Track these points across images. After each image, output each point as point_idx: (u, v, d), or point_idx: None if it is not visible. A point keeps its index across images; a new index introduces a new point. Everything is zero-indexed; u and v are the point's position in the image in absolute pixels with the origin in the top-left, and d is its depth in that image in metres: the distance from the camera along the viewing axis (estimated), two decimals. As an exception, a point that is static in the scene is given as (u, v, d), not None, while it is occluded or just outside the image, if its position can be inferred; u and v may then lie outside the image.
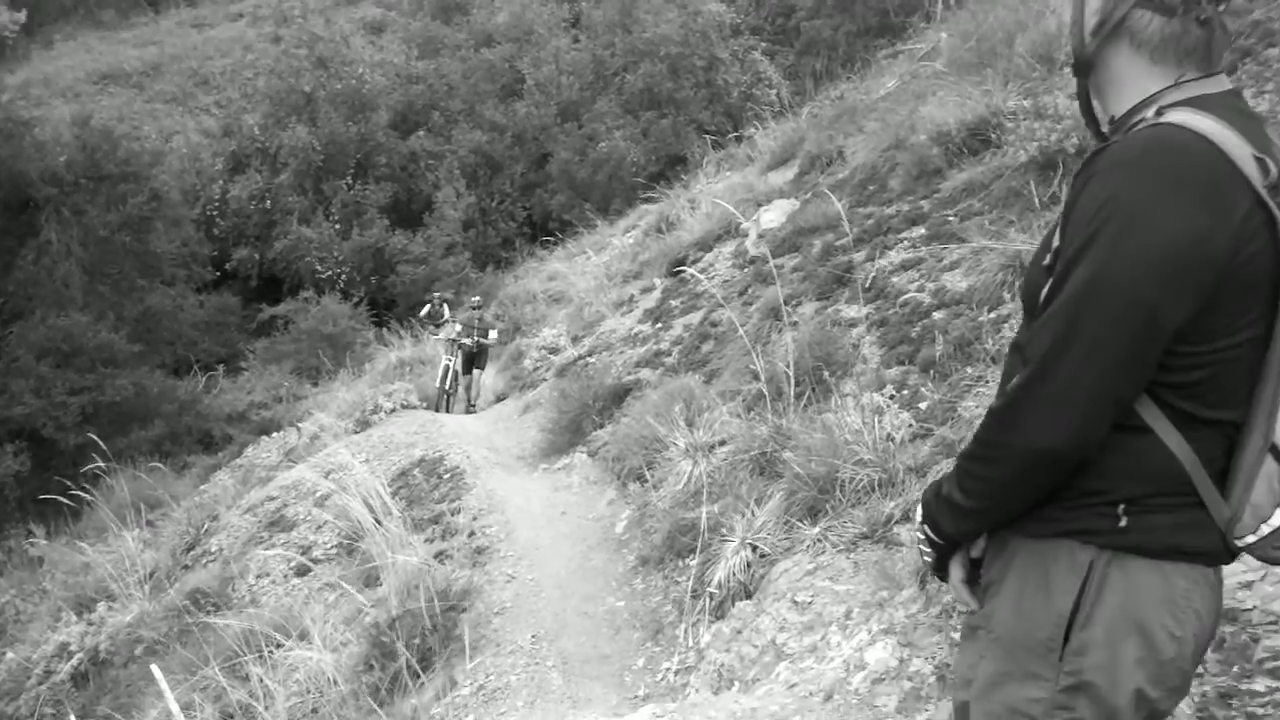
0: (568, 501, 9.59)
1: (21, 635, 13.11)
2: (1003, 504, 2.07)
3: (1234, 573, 3.03)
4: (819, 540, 5.83)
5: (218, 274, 29.81)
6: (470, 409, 16.71)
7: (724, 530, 6.62)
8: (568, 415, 11.26)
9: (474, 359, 17.20)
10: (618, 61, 29.54)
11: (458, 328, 17.21)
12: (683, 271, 12.52)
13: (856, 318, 8.04)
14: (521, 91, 31.29)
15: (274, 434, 18.25)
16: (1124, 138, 1.99)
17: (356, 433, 14.62)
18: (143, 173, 26.51)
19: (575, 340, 14.77)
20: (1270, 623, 2.92)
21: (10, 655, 12.01)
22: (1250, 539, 2.01)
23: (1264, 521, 1.99)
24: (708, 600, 6.34)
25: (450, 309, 20.12)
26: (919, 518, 2.30)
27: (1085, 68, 2.14)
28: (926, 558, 2.30)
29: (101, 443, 13.73)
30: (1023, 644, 2.05)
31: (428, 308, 19.54)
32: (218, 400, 24.86)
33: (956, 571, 2.25)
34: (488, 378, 17.60)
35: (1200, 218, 1.85)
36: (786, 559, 5.98)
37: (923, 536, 2.28)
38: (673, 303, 12.72)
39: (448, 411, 16.34)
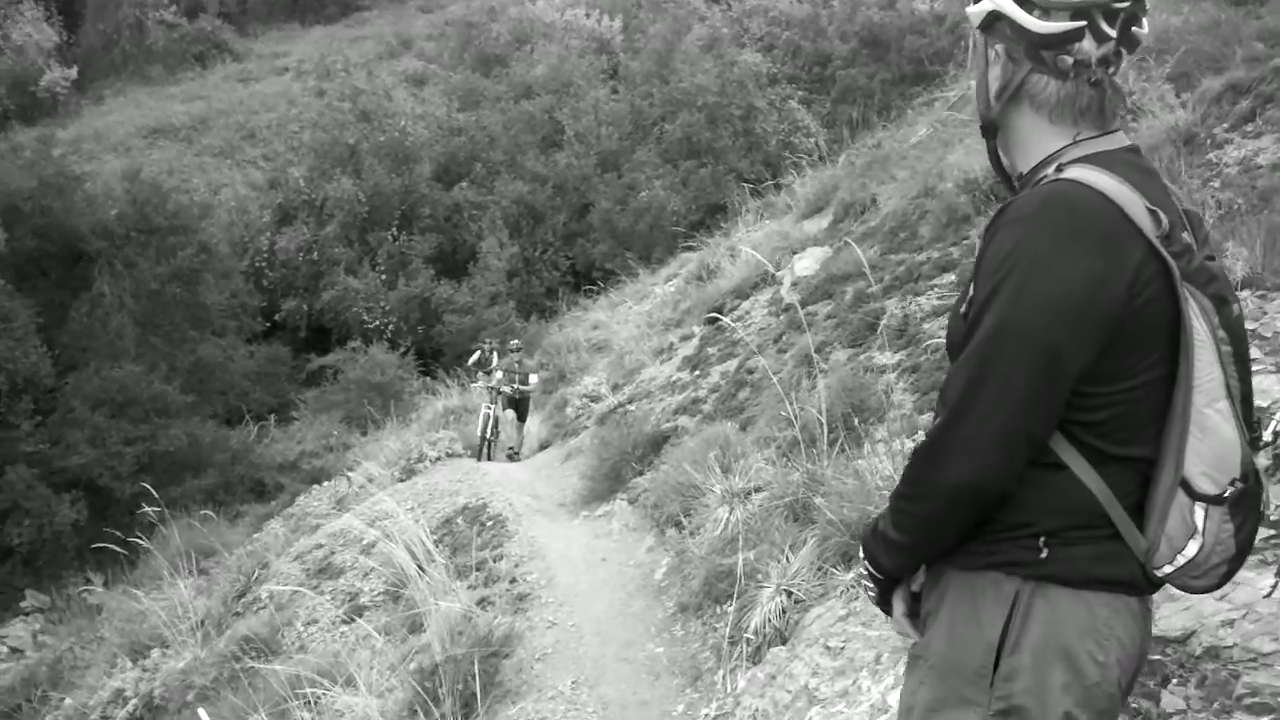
0: (608, 548, 9.73)
1: (79, 681, 13.40)
2: (932, 538, 2.21)
3: (1217, 611, 3.16)
4: (852, 586, 5.94)
5: (267, 325, 30.17)
6: (514, 456, 16.39)
7: (760, 576, 6.72)
8: (608, 463, 11.41)
9: (517, 405, 16.88)
10: (656, 111, 29.78)
11: (498, 374, 16.99)
12: (719, 320, 12.70)
13: (887, 364, 8.17)
14: (562, 142, 31.59)
15: (324, 483, 18.45)
16: (1025, 193, 2.17)
17: (402, 481, 14.83)
18: (192, 225, 27.05)
19: (616, 388, 14.95)
20: (1250, 660, 3.00)
21: (69, 701, 12.28)
22: (1168, 569, 2.13)
23: (1179, 552, 2.11)
24: (744, 646, 6.45)
25: (499, 355, 19.49)
26: (861, 555, 2.43)
27: (992, 129, 2.32)
28: (869, 593, 2.45)
29: (156, 492, 13.98)
30: (957, 671, 2.17)
31: (476, 354, 18.99)
32: (269, 449, 25.16)
33: (898, 605, 2.40)
34: (532, 425, 17.31)
35: (1096, 265, 2.00)
36: (820, 604, 6.08)
37: (865, 572, 2.41)
38: (710, 350, 12.89)
39: (490, 459, 16.07)
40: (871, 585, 2.42)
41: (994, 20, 2.24)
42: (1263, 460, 2.23)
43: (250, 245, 31.28)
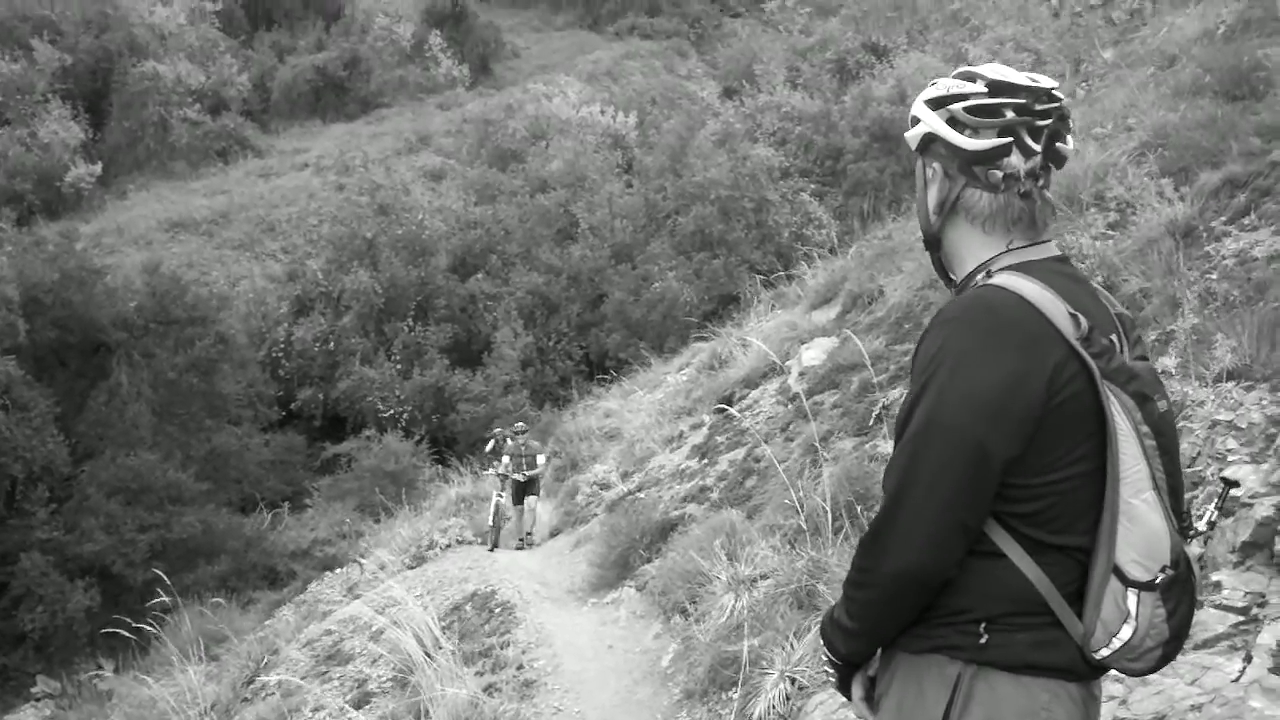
0: (615, 635, 9.75)
1: (87, 769, 13.37)
2: (879, 623, 2.32)
3: (1187, 696, 3.22)
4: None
5: (283, 414, 30.38)
6: (527, 541, 15.66)
7: (764, 663, 6.77)
8: (616, 550, 11.45)
9: (526, 489, 16.13)
10: (669, 204, 30.14)
11: (505, 459, 16.30)
12: (727, 409, 12.80)
13: (890, 453, 8.24)
14: (576, 235, 31.98)
15: (336, 570, 18.46)
16: (955, 299, 2.33)
17: (412, 568, 14.87)
18: (210, 317, 27.45)
19: (626, 476, 15.00)
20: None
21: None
22: (1105, 652, 2.21)
23: (1114, 636, 2.20)
24: (749, 733, 6.47)
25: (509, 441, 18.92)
26: (820, 643, 2.56)
27: (934, 243, 2.50)
28: (831, 678, 2.56)
29: (169, 578, 14.04)
30: None
31: (491, 444, 18.21)
32: (282, 537, 25.19)
33: (857, 690, 2.49)
34: (542, 511, 16.74)
35: (1016, 364, 2.15)
36: (823, 691, 6.11)
37: (825, 658, 2.52)
38: (719, 439, 12.98)
39: (496, 547, 15.47)
40: (832, 670, 2.53)
41: (929, 142, 2.42)
42: (1196, 549, 2.32)
43: (268, 336, 31.62)
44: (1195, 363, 6.03)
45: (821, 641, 2.52)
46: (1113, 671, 2.31)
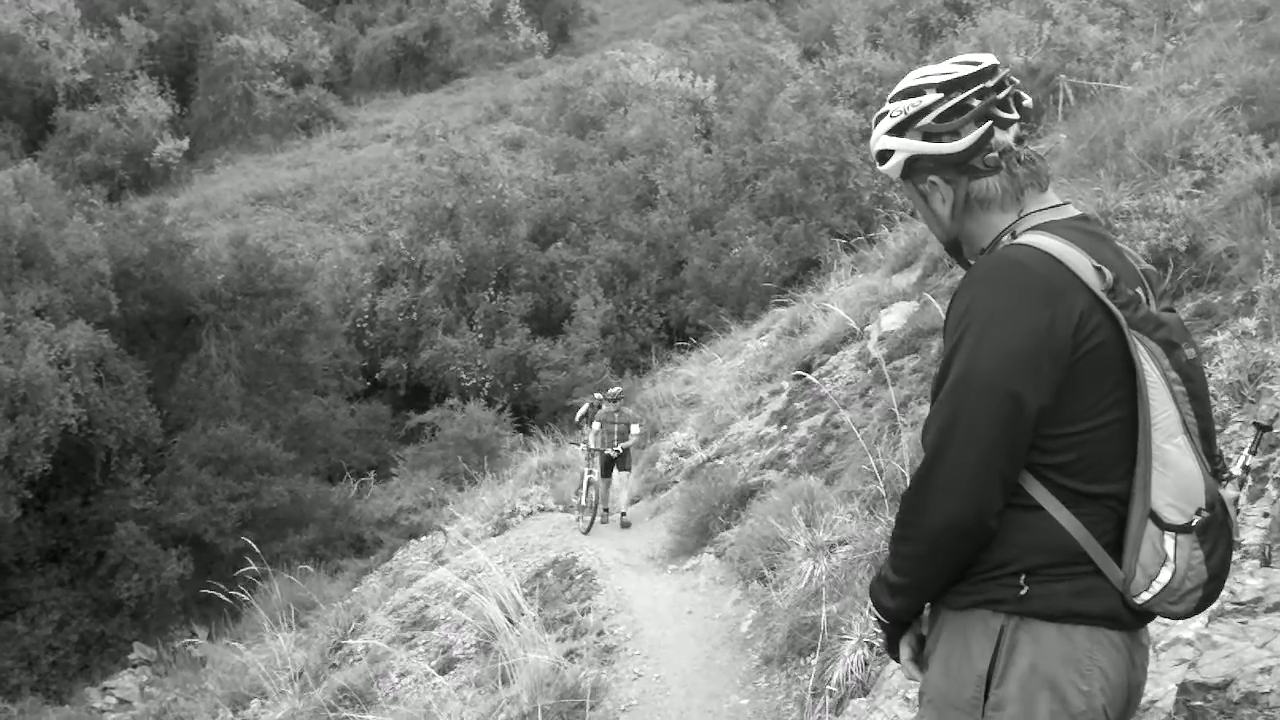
0: (694, 601, 9.79)
1: (182, 731, 13.76)
2: (925, 577, 2.37)
3: (1257, 659, 3.17)
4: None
5: (368, 383, 30.71)
6: (621, 522, 14.37)
7: (842, 629, 6.76)
8: (695, 517, 11.49)
9: (618, 463, 14.77)
10: (749, 169, 29.89)
11: (595, 426, 14.97)
12: (805, 376, 12.74)
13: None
14: (655, 201, 31.86)
15: (421, 538, 18.73)
16: (981, 258, 2.41)
17: (495, 535, 15.04)
18: (295, 288, 27.87)
19: (705, 443, 15.02)
20: (1290, 705, 3.02)
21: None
22: (1145, 596, 2.26)
23: (1153, 580, 2.25)
24: (827, 698, 6.47)
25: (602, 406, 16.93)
26: (869, 601, 2.60)
27: (956, 246, 2.56)
28: (879, 640, 2.58)
29: (258, 547, 14.35)
30: (951, 703, 2.33)
31: (585, 407, 16.73)
32: (368, 505, 25.57)
33: (905, 650, 2.54)
34: (634, 482, 15.47)
35: (1043, 314, 2.20)
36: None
37: (874, 619, 2.59)
38: (798, 405, 12.93)
39: (589, 526, 14.14)
40: (881, 631, 2.59)
41: (914, 164, 2.48)
42: (1232, 492, 2.32)
43: (352, 306, 32.00)
44: (1278, 323, 5.88)
45: (870, 602, 2.57)
46: (1184, 636, 2.32)
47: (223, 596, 13.32)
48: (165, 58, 47.33)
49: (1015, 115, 2.41)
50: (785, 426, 12.66)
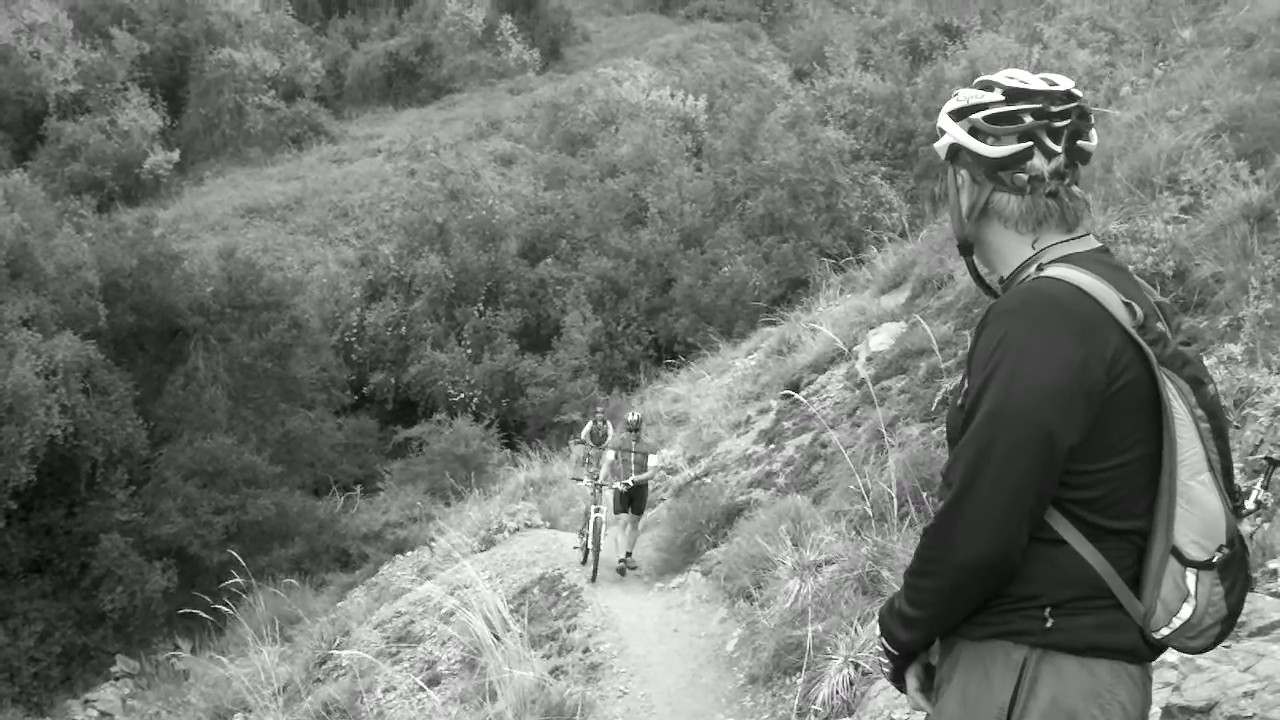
0: (680, 619, 9.80)
1: (164, 745, 13.67)
2: (945, 611, 2.35)
3: (1240, 683, 3.20)
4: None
5: (355, 398, 30.65)
6: (628, 564, 12.57)
7: (828, 649, 6.77)
8: (682, 535, 11.50)
9: (631, 500, 12.73)
10: (739, 188, 29.95)
11: (609, 456, 13.17)
12: (793, 395, 12.77)
13: (958, 439, 8.16)
14: (645, 219, 31.94)
15: (407, 552, 18.68)
16: (1010, 290, 2.39)
17: (481, 551, 15.01)
18: (284, 301, 27.78)
19: (693, 461, 15.03)
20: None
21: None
22: (1165, 631, 2.27)
23: (1174, 615, 2.25)
24: (813, 718, 6.48)
25: (613, 430, 15.14)
26: (877, 632, 2.58)
27: (968, 247, 2.57)
28: (885, 669, 2.58)
29: (243, 560, 14.29)
30: None
31: (590, 425, 15.25)
32: (355, 520, 25.44)
33: (911, 681, 2.53)
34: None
35: (1077, 351, 2.19)
36: (886, 677, 6.11)
37: (881, 649, 2.55)
38: (785, 424, 12.96)
39: (595, 573, 12.17)
40: (887, 661, 2.57)
41: (956, 151, 2.50)
42: (1246, 527, 2.35)
43: (340, 320, 31.96)
44: (1264, 349, 5.92)
45: (879, 631, 2.56)
46: (1168, 660, 2.33)
47: (207, 611, 13.26)
48: (157, 70, 47.23)
49: (1059, 149, 2.38)
50: (773, 445, 12.68)
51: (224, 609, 14.36)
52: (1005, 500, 2.20)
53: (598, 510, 12.48)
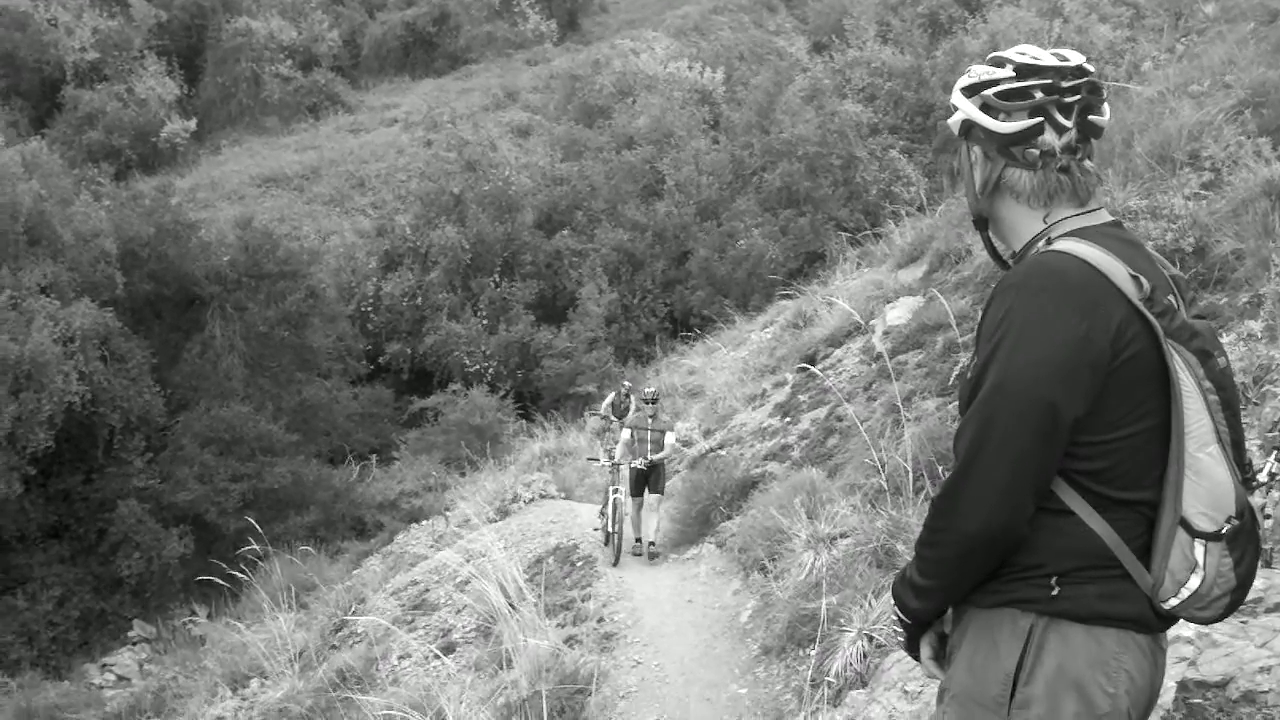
0: (694, 590, 9.84)
1: (182, 709, 13.82)
2: (954, 581, 2.39)
3: (1256, 658, 3.21)
4: (930, 631, 5.97)
5: (371, 367, 30.68)
6: (649, 551, 11.98)
7: (842, 620, 6.80)
8: (697, 507, 11.53)
9: (648, 478, 12.34)
10: (756, 161, 29.84)
11: (625, 434, 12.75)
12: (809, 368, 12.76)
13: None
14: (662, 191, 31.82)
15: (422, 522, 18.76)
16: (1016, 265, 2.43)
17: (496, 521, 15.08)
18: (301, 271, 27.77)
19: (708, 434, 15.04)
20: (1286, 703, 3.06)
21: (172, 728, 12.65)
22: (1174, 602, 2.29)
23: (1183, 586, 2.27)
24: (826, 689, 6.50)
25: (633, 403, 14.91)
26: (891, 602, 2.63)
27: (982, 222, 2.61)
28: (899, 638, 2.61)
29: (260, 528, 14.38)
30: (976, 700, 2.36)
31: (612, 396, 15.18)
32: (370, 488, 25.54)
33: (925, 649, 2.58)
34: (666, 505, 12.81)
35: (1081, 324, 2.21)
36: (899, 649, 6.14)
37: (895, 618, 2.61)
38: (801, 398, 12.96)
39: (618, 557, 11.75)
40: (901, 630, 2.62)
41: (969, 127, 2.54)
42: (1259, 500, 2.35)
43: (357, 290, 31.95)
44: (1284, 326, 5.91)
45: (893, 601, 2.59)
46: (1184, 635, 2.34)
47: (224, 578, 13.36)
48: (174, 38, 47.21)
49: (1070, 124, 2.41)
50: (788, 419, 12.68)
51: (240, 575, 14.47)
52: (1008, 472, 2.24)
53: (616, 490, 12.16)
